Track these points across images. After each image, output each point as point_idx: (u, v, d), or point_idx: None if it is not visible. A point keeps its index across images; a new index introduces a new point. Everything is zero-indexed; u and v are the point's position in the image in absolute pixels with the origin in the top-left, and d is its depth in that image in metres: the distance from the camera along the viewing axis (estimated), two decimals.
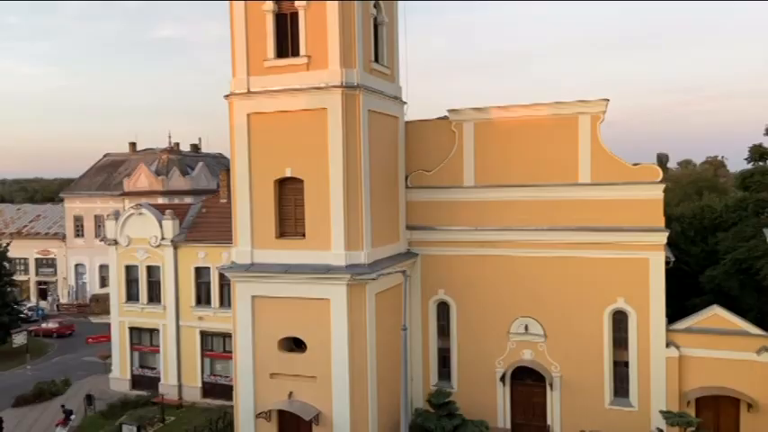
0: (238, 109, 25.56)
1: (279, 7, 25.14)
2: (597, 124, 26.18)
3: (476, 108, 27.94)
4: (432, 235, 28.55)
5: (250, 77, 25.41)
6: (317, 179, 24.60)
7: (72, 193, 67.76)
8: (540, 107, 27.02)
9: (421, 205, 28.76)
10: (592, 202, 26.19)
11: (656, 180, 25.56)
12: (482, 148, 27.87)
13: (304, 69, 24.71)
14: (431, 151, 28.77)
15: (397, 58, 28.80)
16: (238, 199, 25.84)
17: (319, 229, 24.64)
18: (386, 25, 27.47)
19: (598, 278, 26.11)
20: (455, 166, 28.27)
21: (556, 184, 26.70)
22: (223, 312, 33.07)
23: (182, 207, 38.80)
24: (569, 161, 26.51)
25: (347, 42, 24.22)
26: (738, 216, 37.08)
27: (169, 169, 63.86)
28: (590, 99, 26.26)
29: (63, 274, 66.62)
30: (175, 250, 34.94)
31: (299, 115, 24.74)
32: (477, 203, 27.85)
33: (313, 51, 24.55)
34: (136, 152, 70.73)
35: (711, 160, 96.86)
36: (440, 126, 28.79)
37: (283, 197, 25.63)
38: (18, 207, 76.73)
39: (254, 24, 25.29)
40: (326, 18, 24.15)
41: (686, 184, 68.74)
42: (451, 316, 28.60)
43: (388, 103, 27.23)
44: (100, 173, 68.90)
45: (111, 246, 36.54)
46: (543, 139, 26.91)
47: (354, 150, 24.30)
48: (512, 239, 27.27)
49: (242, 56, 25.53)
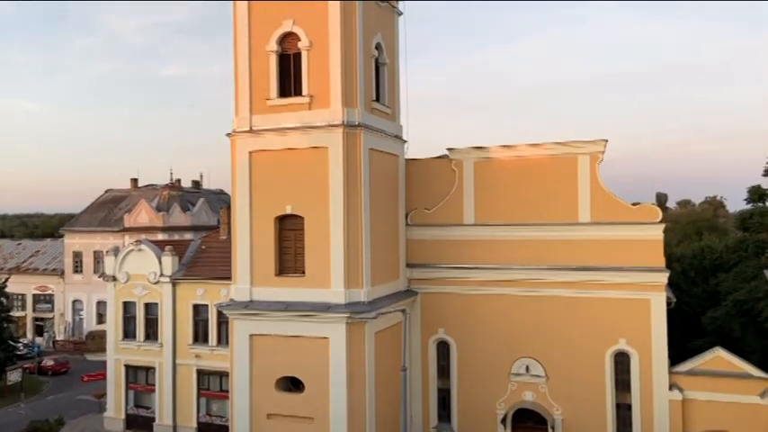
0: (240, 147, 25.77)
1: (282, 48, 25.59)
2: (596, 164, 26.35)
3: (475, 147, 28.19)
4: (432, 273, 28.44)
5: (253, 116, 25.70)
6: (317, 216, 24.64)
7: (72, 228, 67.73)
8: (539, 147, 27.25)
9: (421, 243, 28.74)
10: (592, 241, 26.18)
11: (656, 220, 25.60)
12: (482, 187, 28.00)
13: (306, 108, 25.01)
14: (431, 189, 28.90)
15: (398, 97, 29.17)
16: (238, 235, 25.83)
17: (319, 266, 24.57)
18: (387, 66, 27.91)
19: (599, 318, 25.92)
20: (455, 205, 28.35)
21: (556, 224, 26.73)
22: (220, 350, 32.68)
23: (182, 243, 38.71)
24: (569, 200, 26.60)
25: (349, 82, 24.57)
26: (739, 257, 37.03)
27: (170, 205, 64.00)
28: (589, 139, 26.50)
29: (60, 311, 66.08)
30: (174, 287, 34.73)
31: (300, 153, 24.93)
32: (478, 242, 27.83)
33: (315, 91, 24.88)
34: (137, 188, 70.99)
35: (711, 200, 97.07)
36: (440, 164, 28.99)
37: (283, 234, 25.63)
38: (18, 242, 76.58)
39: (258, 64, 25.71)
40: (329, 59, 24.56)
41: (686, 224, 68.83)
42: (452, 356, 28.29)
43: (389, 141, 27.47)
44: (101, 209, 69.02)
45: (110, 282, 36.34)
46: (543, 178, 27.06)
47: (355, 188, 24.40)
48: (512, 278, 27.16)
49: (245, 95, 25.87)
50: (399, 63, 29.31)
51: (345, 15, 24.42)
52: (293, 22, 25.15)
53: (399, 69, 29.29)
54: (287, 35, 25.43)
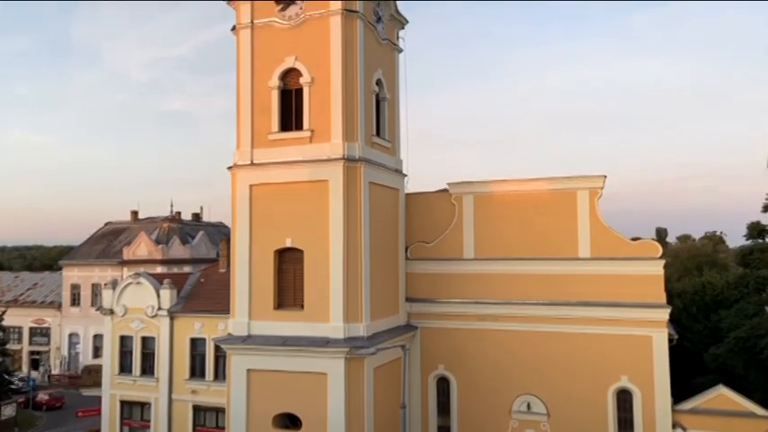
0: (241, 180, 25.87)
1: (284, 83, 25.90)
2: (595, 199, 26.42)
3: (475, 181, 28.30)
4: (431, 308, 28.26)
5: (254, 149, 25.86)
6: (317, 250, 24.59)
7: (71, 261, 67.59)
8: (538, 182, 27.36)
9: (421, 277, 28.62)
10: (592, 276, 26.08)
11: (657, 256, 25.55)
12: (482, 221, 28.02)
13: (307, 142, 25.19)
14: (431, 223, 28.90)
15: (398, 132, 29.42)
16: (237, 268, 25.74)
17: (318, 300, 24.42)
18: (387, 101, 28.22)
19: (601, 355, 25.65)
20: (455, 239, 28.33)
21: (556, 259, 26.66)
22: (217, 386, 32.27)
23: (180, 276, 38.59)
24: (569, 235, 26.59)
25: (350, 117, 24.80)
26: (740, 293, 36.91)
27: (169, 238, 63.97)
28: (588, 174, 26.62)
29: (56, 344, 65.46)
30: (172, 321, 34.48)
31: (300, 187, 25.02)
32: (477, 276, 27.72)
33: (316, 125, 25.10)
34: (137, 220, 71.06)
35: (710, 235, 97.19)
36: (440, 198, 29.05)
37: (283, 267, 25.54)
38: (16, 275, 76.35)
39: (260, 99, 25.99)
40: (330, 94, 24.83)
41: (686, 259, 68.70)
42: (452, 392, 27.90)
43: (389, 175, 27.60)
44: (100, 241, 68.97)
45: (107, 315, 36.09)
46: (543, 213, 27.09)
47: (355, 222, 24.42)
48: (512, 313, 26.97)
49: (247, 129, 26.09)
50: (399, 98, 29.63)
51: (347, 52, 24.78)
52: (295, 59, 25.51)
53: (399, 104, 29.60)
54: (289, 71, 25.76)
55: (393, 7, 28.39)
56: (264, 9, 26.12)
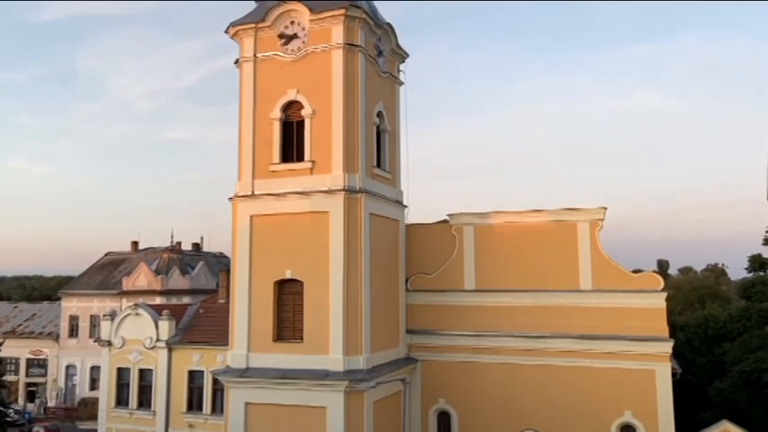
0: (242, 211, 25.90)
1: (286, 115, 26.12)
2: (596, 231, 26.40)
3: (475, 213, 28.32)
4: (432, 340, 28.01)
5: (255, 180, 25.95)
6: (317, 281, 24.49)
7: (70, 291, 67.30)
8: (538, 213, 27.38)
9: (421, 309, 28.44)
10: (594, 309, 25.91)
11: (658, 288, 25.42)
12: (482, 253, 27.95)
13: (308, 174, 25.29)
14: (431, 254, 28.83)
15: (399, 163, 29.56)
16: (237, 300, 25.61)
17: (318, 332, 24.22)
18: (388, 133, 28.42)
19: (603, 389, 25.32)
20: (455, 270, 28.23)
21: (557, 291, 26.52)
22: (215, 419, 31.78)
23: (180, 307, 38.37)
24: (570, 267, 26.50)
25: (350, 149, 24.94)
26: (743, 326, 36.64)
27: (169, 268, 63.78)
28: (588, 207, 26.66)
29: (53, 376, 64.78)
30: (170, 352, 34.15)
31: (301, 218, 25.03)
32: (478, 308, 27.55)
33: (317, 157, 25.23)
34: (137, 251, 70.95)
35: (712, 268, 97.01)
36: (440, 230, 29.04)
37: (282, 299, 25.38)
38: (15, 305, 75.91)
39: (261, 131, 26.17)
40: (331, 126, 25.01)
41: (688, 292, 68.48)
42: (453, 427, 27.45)
43: (390, 206, 27.64)
44: (100, 271, 68.76)
45: (105, 347, 35.78)
46: (543, 244, 27.05)
47: (355, 253, 24.37)
48: (513, 346, 26.72)
49: (248, 160, 26.22)
50: (400, 130, 29.86)
51: (348, 85, 25.05)
52: (297, 91, 25.77)
53: (400, 136, 29.82)
54: (291, 103, 26.00)
55: (394, 41, 28.79)
56: (267, 43, 26.49)
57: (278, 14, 26.18)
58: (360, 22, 25.38)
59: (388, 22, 28.22)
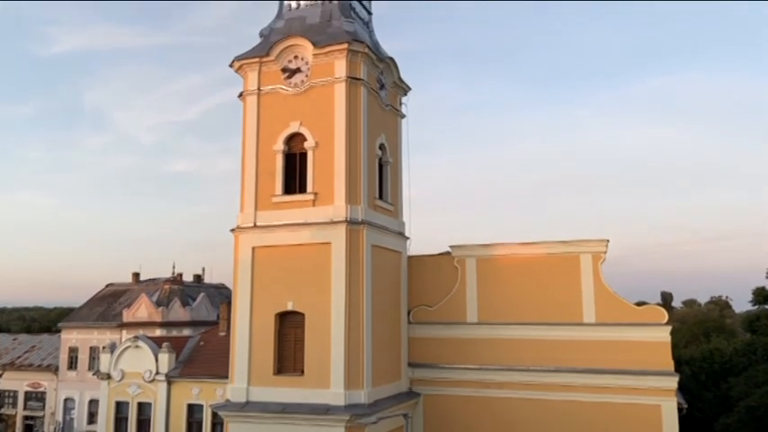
0: (244, 242, 25.89)
1: (289, 147, 26.29)
2: (599, 264, 26.30)
3: (478, 244, 28.25)
4: (434, 373, 27.67)
5: (257, 212, 25.99)
6: (318, 314, 24.33)
7: (70, 323, 66.86)
8: (541, 245, 27.31)
9: (423, 341, 28.16)
10: (598, 343, 25.65)
11: (663, 322, 25.19)
12: (485, 285, 27.80)
13: (310, 205, 25.34)
14: (433, 286, 28.69)
15: (401, 194, 29.62)
16: (238, 332, 25.42)
17: (319, 366, 23.97)
18: (390, 165, 28.55)
19: (609, 425, 24.88)
20: (458, 302, 28.04)
21: (560, 324, 26.30)
22: None
23: (180, 340, 38.10)
24: (573, 300, 26.32)
25: (353, 180, 25.03)
26: (749, 360, 36.22)
27: (170, 300, 63.45)
28: (590, 239, 26.60)
29: (51, 409, 63.93)
30: (169, 386, 33.78)
31: (303, 249, 25.00)
32: (481, 341, 27.27)
33: (320, 188, 25.31)
34: (138, 282, 70.72)
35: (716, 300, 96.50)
36: (442, 261, 28.94)
37: (283, 331, 25.20)
38: (14, 337, 75.37)
39: (264, 163, 26.31)
40: (334, 158, 25.14)
41: (693, 324, 68.00)
42: None
43: (392, 238, 27.61)
44: (100, 303, 68.42)
45: (104, 380, 35.42)
46: (546, 277, 26.92)
47: (357, 285, 24.26)
48: (517, 380, 26.37)
49: (251, 192, 26.29)
50: (402, 161, 30.01)
51: (351, 118, 25.26)
52: (300, 124, 25.98)
53: (402, 167, 29.95)
54: (294, 135, 26.19)
55: (396, 75, 29.12)
56: (271, 76, 26.80)
57: (282, 49, 26.55)
58: (362, 57, 25.71)
59: (391, 57, 28.59)
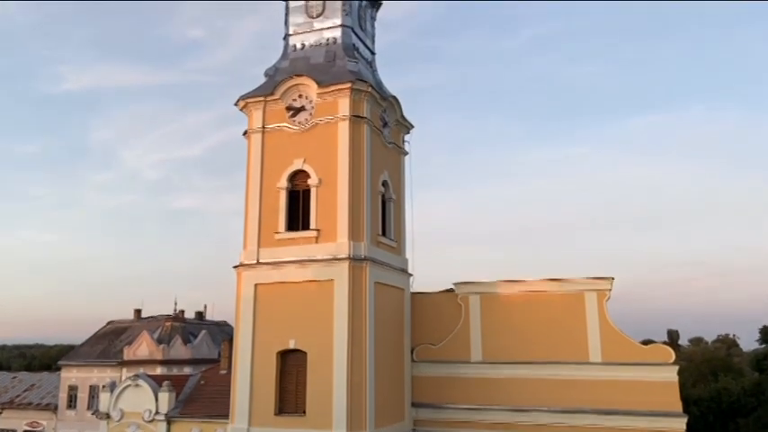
0: (246, 279, 25.79)
1: (292, 185, 26.39)
2: (604, 302, 26.07)
3: (481, 282, 28.08)
4: (438, 414, 27.18)
5: (260, 249, 25.95)
6: (320, 352, 24.06)
7: (70, 361, 66.21)
8: (545, 283, 27.13)
9: (427, 381, 27.76)
10: (605, 382, 25.25)
11: (670, 361, 24.84)
12: (489, 323, 27.52)
13: (313, 242, 25.31)
14: (437, 324, 28.41)
15: (404, 231, 29.60)
16: (239, 371, 25.11)
17: (321, 405, 23.59)
18: (393, 201, 28.60)
19: None
20: (462, 341, 27.72)
21: (566, 363, 25.94)
22: None
23: (181, 378, 37.63)
24: (579, 339, 26.01)
25: (356, 217, 25.04)
26: (757, 400, 35.65)
27: (171, 337, 62.90)
28: (595, 276, 26.42)
29: None
30: (169, 426, 33.17)
31: (306, 286, 24.87)
32: (486, 380, 26.86)
33: (323, 225, 25.31)
34: (140, 319, 70.25)
35: (723, 338, 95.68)
36: (446, 299, 28.71)
37: (285, 370, 24.91)
38: (14, 375, 74.57)
39: (268, 200, 26.39)
40: (337, 195, 25.22)
41: (700, 363, 67.05)
42: None
43: (395, 275, 27.48)
44: (101, 340, 67.82)
45: (103, 420, 34.86)
46: (551, 315, 26.67)
47: (360, 323, 24.04)
48: (523, 421, 25.88)
49: (254, 228, 26.31)
50: (405, 198, 30.07)
51: (354, 156, 25.42)
52: (304, 161, 26.15)
53: (405, 204, 30.00)
54: (297, 172, 26.34)
55: (399, 113, 29.41)
56: (276, 115, 27.08)
57: (287, 88, 26.89)
58: (366, 95, 26.01)
59: (394, 95, 28.93)
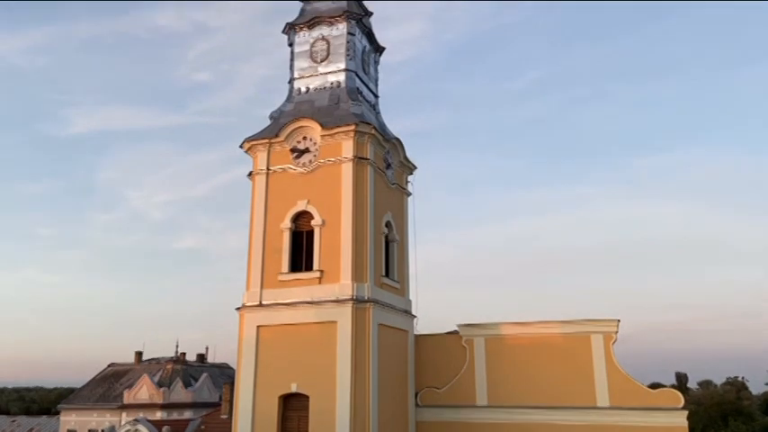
0: (249, 321, 25.56)
1: (296, 226, 26.41)
2: (610, 344, 25.71)
3: (485, 324, 27.75)
4: None
5: (263, 290, 25.79)
6: (323, 396, 23.64)
7: (69, 405, 65.35)
8: (550, 324, 26.81)
9: (432, 426, 27.15)
10: (613, 427, 24.68)
11: (679, 406, 24.35)
12: (494, 366, 27.10)
13: (316, 283, 25.17)
14: (441, 367, 28.00)
15: (408, 272, 29.44)
16: (240, 416, 24.64)
17: None
18: (397, 242, 28.54)
19: None
20: (467, 384, 27.26)
21: (573, 407, 25.42)
22: None
23: (181, 423, 37.07)
24: (585, 382, 25.56)
25: (359, 258, 24.95)
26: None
27: (172, 380, 62.15)
28: (601, 318, 26.12)
29: None
30: None
31: (308, 328, 24.62)
32: (492, 426, 26.29)
33: (326, 266, 25.20)
34: (141, 362, 69.56)
35: (733, 381, 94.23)
36: (450, 341, 28.35)
37: (287, 415, 24.44)
38: (12, 419, 73.62)
39: (271, 241, 26.36)
40: (341, 236, 25.18)
41: (709, 407, 65.91)
42: None
43: (399, 317, 27.23)
44: (101, 383, 67.07)
45: None
46: (557, 357, 26.28)
47: (363, 366, 23.69)
48: None
49: (257, 269, 26.20)
50: (409, 239, 30.00)
51: (357, 197, 25.49)
52: (307, 202, 26.21)
53: (409, 245, 29.91)
54: (301, 213, 26.37)
55: (402, 154, 29.61)
56: (280, 156, 27.28)
57: (291, 130, 27.15)
58: (369, 137, 26.24)
59: (397, 137, 29.18)
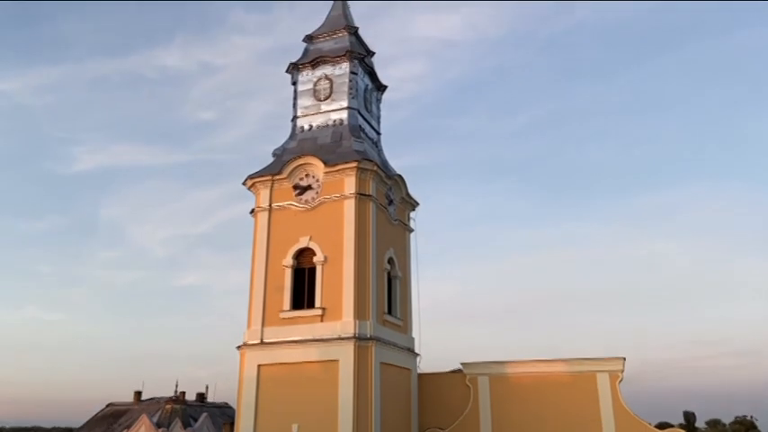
0: (250, 360, 25.24)
1: (298, 262, 26.30)
2: (617, 383, 25.30)
3: (490, 362, 27.36)
4: None
5: (264, 328, 25.55)
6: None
7: None
8: (555, 363, 26.44)
9: None
10: None
11: None
12: (498, 405, 26.62)
13: (318, 321, 24.94)
14: (445, 406, 27.48)
15: (410, 309, 29.19)
16: None
17: None
18: (399, 279, 28.37)
19: None
20: (471, 424, 26.72)
21: None
22: None
23: None
24: (592, 422, 25.04)
25: (361, 296, 24.77)
26: None
27: (171, 421, 61.10)
28: (606, 357, 25.77)
29: None
30: None
31: (310, 367, 24.29)
32: None
33: (328, 303, 25.01)
34: (140, 401, 68.55)
35: (741, 420, 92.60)
36: (454, 379, 27.92)
37: None
38: None
39: (273, 278, 26.22)
40: (343, 273, 25.05)
41: None
42: None
43: (401, 355, 26.89)
44: (99, 423, 65.91)
45: None
46: (562, 396, 25.83)
47: (365, 406, 23.30)
48: None
49: (258, 307, 25.99)
50: (411, 275, 29.84)
51: (359, 233, 25.45)
52: (310, 239, 26.16)
53: (411, 282, 29.73)
54: (303, 250, 26.29)
55: (404, 191, 29.67)
56: (282, 193, 27.34)
57: (294, 167, 27.27)
58: (371, 174, 26.33)
59: (399, 174, 29.27)
